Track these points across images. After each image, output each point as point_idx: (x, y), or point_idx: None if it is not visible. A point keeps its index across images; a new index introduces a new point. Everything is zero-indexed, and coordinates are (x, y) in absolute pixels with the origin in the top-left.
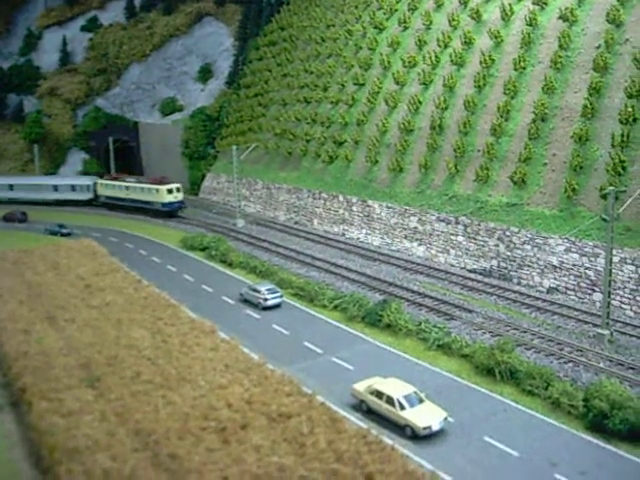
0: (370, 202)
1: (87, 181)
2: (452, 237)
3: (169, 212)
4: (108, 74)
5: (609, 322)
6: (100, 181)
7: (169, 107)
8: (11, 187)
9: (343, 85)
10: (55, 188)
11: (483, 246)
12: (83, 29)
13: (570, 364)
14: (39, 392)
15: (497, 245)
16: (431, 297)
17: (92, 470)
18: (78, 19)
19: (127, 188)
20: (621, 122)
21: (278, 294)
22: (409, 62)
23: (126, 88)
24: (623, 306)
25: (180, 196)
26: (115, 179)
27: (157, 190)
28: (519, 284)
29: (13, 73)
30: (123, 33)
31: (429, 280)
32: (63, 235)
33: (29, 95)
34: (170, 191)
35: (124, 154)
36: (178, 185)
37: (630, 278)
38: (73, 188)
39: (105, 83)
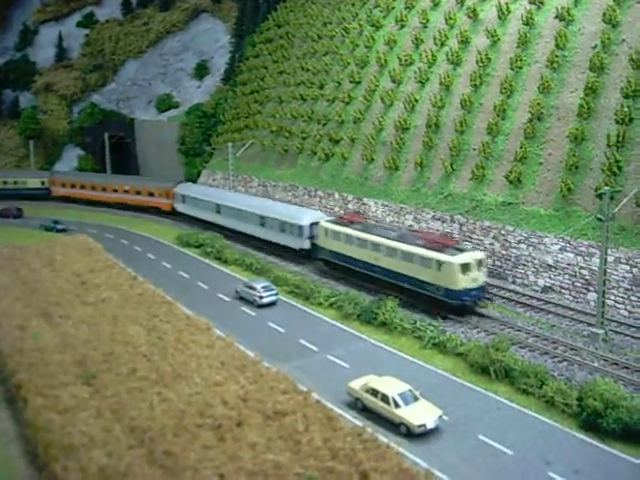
0: (366, 200)
1: (303, 218)
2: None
3: (459, 306)
4: (104, 70)
5: (603, 321)
6: (325, 224)
7: (165, 103)
8: (218, 209)
9: (339, 83)
10: (262, 221)
11: (478, 245)
12: (79, 25)
13: (564, 363)
14: (35, 389)
15: (492, 244)
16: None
17: (88, 467)
18: (74, 15)
19: (377, 247)
20: (617, 122)
21: (273, 292)
22: (405, 60)
23: (122, 84)
24: (617, 305)
25: (481, 277)
26: (350, 222)
27: (441, 264)
28: (514, 283)
29: (9, 68)
30: (119, 29)
31: None
32: (58, 231)
33: (25, 91)
34: (466, 268)
35: (120, 150)
36: (479, 256)
37: (624, 277)
38: (283, 227)
39: (101, 79)
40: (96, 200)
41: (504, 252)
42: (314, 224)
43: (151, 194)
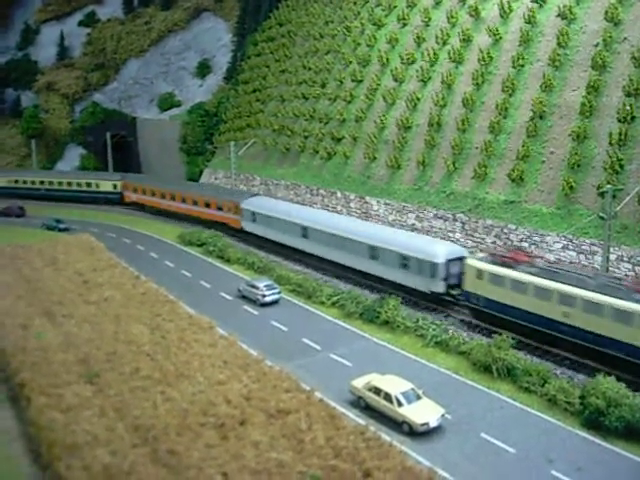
0: (368, 199)
1: (436, 253)
2: (450, 234)
3: None
4: (106, 69)
5: None
6: (479, 264)
7: (167, 102)
8: (305, 233)
9: (341, 81)
10: (374, 252)
11: (481, 243)
12: (81, 24)
13: (567, 361)
14: (38, 387)
15: (494, 242)
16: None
17: (91, 465)
18: (76, 14)
19: (569, 300)
20: (619, 120)
21: (276, 290)
22: (407, 59)
23: (124, 83)
24: None
25: None
26: (515, 262)
27: None
28: None
29: (10, 68)
30: (121, 28)
31: None
32: (61, 230)
33: (26, 90)
34: None
35: (122, 149)
36: None
37: (627, 276)
38: (405, 262)
39: (103, 78)
40: (167, 210)
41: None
42: (452, 260)
43: (220, 208)
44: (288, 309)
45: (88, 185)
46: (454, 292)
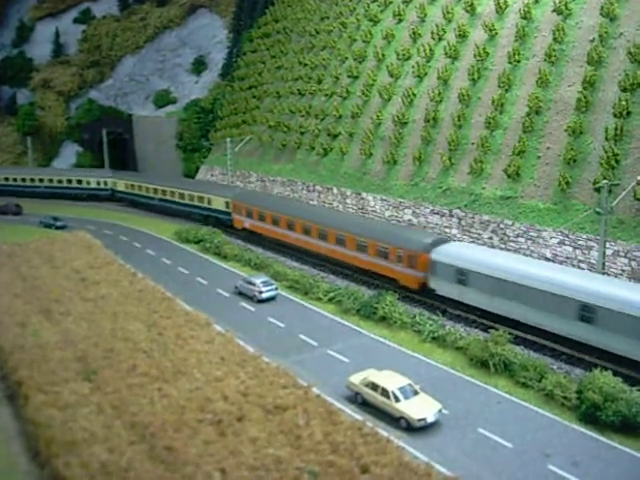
0: (364, 195)
1: None
2: (446, 230)
3: None
4: (101, 66)
5: None
6: None
7: (163, 99)
8: (462, 277)
9: (337, 78)
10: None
11: (477, 239)
12: (76, 21)
13: (564, 356)
14: (35, 385)
15: (491, 238)
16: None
17: (89, 463)
18: (71, 11)
19: None
20: (615, 115)
21: (273, 287)
22: (403, 55)
23: (119, 80)
24: None
25: None
26: None
27: None
28: None
29: (6, 65)
30: (116, 25)
31: None
32: (58, 228)
33: (22, 87)
34: None
35: (118, 146)
36: None
37: (623, 271)
38: None
39: (98, 75)
40: (298, 247)
41: (503, 246)
42: None
43: (383, 254)
44: (285, 305)
45: (201, 200)
46: None
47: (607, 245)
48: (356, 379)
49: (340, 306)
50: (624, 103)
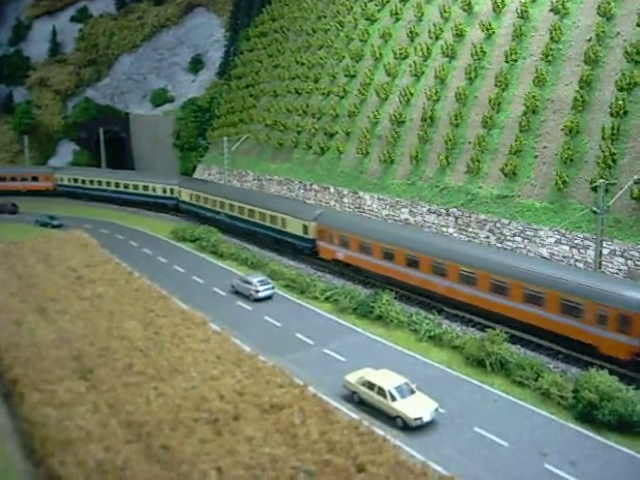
0: (361, 194)
1: None
2: (443, 229)
3: None
4: (98, 65)
5: None
6: None
7: (160, 98)
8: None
9: (334, 76)
10: None
11: (474, 238)
12: (73, 19)
13: (560, 355)
14: (31, 384)
15: (488, 237)
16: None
17: (85, 461)
18: (68, 9)
19: None
20: (611, 115)
21: (269, 286)
22: (400, 54)
23: (116, 79)
24: None
25: None
26: None
27: None
28: None
29: (2, 63)
30: (113, 23)
31: None
32: (54, 227)
33: (19, 86)
34: None
35: (115, 145)
36: None
37: (619, 270)
38: None
39: (95, 74)
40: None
41: (500, 245)
42: None
43: (572, 311)
44: (281, 304)
45: (273, 221)
46: None
47: (604, 244)
48: (352, 378)
49: (336, 305)
50: (621, 102)
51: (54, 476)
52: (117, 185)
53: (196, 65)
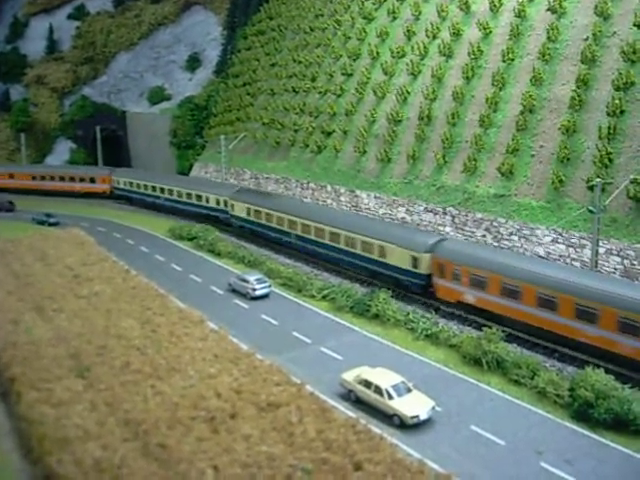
0: (358, 192)
1: None
2: (440, 228)
3: None
4: (95, 63)
5: None
6: None
7: (157, 96)
8: None
9: (331, 75)
10: None
11: (471, 237)
12: (70, 17)
13: (556, 354)
14: (28, 382)
15: (484, 236)
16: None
17: (82, 460)
18: (65, 7)
19: None
20: (608, 114)
21: (266, 284)
22: (398, 53)
23: (113, 77)
24: None
25: None
26: None
27: None
28: None
29: None
30: (110, 21)
31: None
32: (51, 225)
33: (15, 83)
34: None
35: (112, 143)
36: None
37: (616, 269)
38: None
39: (92, 72)
40: None
41: (496, 244)
42: None
43: None
44: (278, 303)
45: (381, 253)
46: None
47: (600, 243)
48: (349, 376)
49: (333, 303)
50: (617, 102)
51: (51, 475)
52: (170, 192)
53: (193, 63)
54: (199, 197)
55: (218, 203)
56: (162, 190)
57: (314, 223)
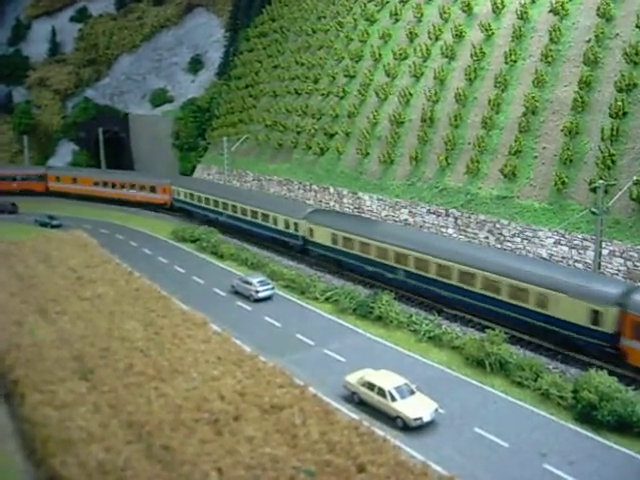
0: (361, 194)
1: None
2: (443, 229)
3: None
4: (98, 65)
5: None
6: None
7: (159, 98)
8: None
9: (334, 77)
10: None
11: (473, 238)
12: (72, 19)
13: (559, 356)
14: (32, 384)
15: (487, 237)
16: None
17: (86, 461)
18: (67, 9)
19: None
20: (611, 116)
21: (269, 286)
22: (400, 54)
23: (116, 79)
24: None
25: None
26: None
27: None
28: None
29: (2, 63)
30: (113, 24)
31: None
32: (53, 227)
33: (18, 86)
34: None
35: (114, 145)
36: None
37: (619, 271)
38: None
39: (95, 74)
40: None
41: (499, 246)
42: None
43: None
44: (281, 305)
45: (514, 295)
46: None
47: (603, 245)
48: (352, 378)
49: (337, 305)
50: (620, 103)
51: (55, 476)
52: (234, 209)
53: (195, 65)
54: (265, 217)
55: (287, 226)
56: (225, 206)
57: (435, 259)
